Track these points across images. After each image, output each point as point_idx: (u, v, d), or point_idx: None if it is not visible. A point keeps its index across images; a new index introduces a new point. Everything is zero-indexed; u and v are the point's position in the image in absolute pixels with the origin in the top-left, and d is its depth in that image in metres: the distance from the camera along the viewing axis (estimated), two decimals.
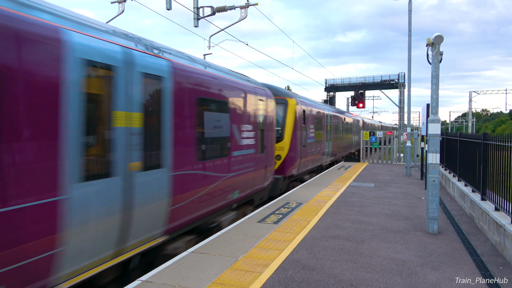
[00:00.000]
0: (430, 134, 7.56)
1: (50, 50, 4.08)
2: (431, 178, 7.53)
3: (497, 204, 6.89)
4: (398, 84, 41.95)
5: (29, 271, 3.88)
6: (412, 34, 17.52)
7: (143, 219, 5.46)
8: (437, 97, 7.47)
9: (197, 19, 13.42)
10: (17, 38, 3.75)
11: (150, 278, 5.07)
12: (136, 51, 5.45)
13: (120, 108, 4.99)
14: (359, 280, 5.08)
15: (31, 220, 3.84)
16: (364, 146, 23.12)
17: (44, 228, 3.97)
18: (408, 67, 17.48)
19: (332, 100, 44.44)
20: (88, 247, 4.54)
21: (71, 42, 4.32)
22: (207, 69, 7.71)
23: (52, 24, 4.16)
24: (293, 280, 5.08)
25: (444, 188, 13.23)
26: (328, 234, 7.23)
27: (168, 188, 5.99)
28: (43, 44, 3.99)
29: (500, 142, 6.81)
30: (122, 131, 5.02)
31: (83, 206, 4.41)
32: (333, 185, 13.42)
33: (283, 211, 9.12)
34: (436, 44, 7.36)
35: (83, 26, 4.69)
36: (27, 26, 3.87)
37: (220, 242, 6.63)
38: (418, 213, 9.11)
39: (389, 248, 6.46)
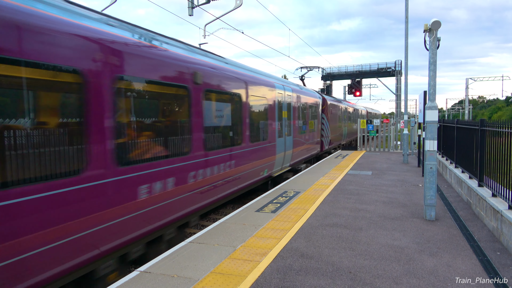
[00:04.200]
0: (427, 121, 7.53)
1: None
2: (429, 165, 7.53)
3: (494, 190, 6.91)
4: (395, 72, 41.86)
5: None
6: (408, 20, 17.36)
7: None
8: (434, 84, 7.42)
9: (192, 8, 13.25)
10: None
11: (149, 268, 5.06)
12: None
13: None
14: (357, 267, 5.10)
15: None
16: (361, 134, 23.14)
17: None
18: (405, 54, 17.38)
19: (328, 89, 44.31)
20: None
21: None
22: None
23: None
24: (291, 268, 5.09)
25: (441, 175, 13.27)
26: (326, 222, 7.24)
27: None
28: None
29: (497, 128, 6.80)
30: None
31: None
32: (330, 173, 13.43)
33: (281, 200, 9.12)
34: (433, 30, 7.29)
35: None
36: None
37: (219, 231, 6.63)
38: (416, 200, 9.14)
39: (386, 235, 6.47)
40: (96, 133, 4.86)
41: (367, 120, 22.59)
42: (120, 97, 5.34)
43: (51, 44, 4.27)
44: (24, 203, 3.91)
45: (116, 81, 5.21)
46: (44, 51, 4.18)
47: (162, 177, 6.10)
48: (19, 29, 3.96)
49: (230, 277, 4.78)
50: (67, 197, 4.39)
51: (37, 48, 4.12)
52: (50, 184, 4.18)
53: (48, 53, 4.24)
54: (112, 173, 5.04)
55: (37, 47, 4.12)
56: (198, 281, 4.68)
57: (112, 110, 5.13)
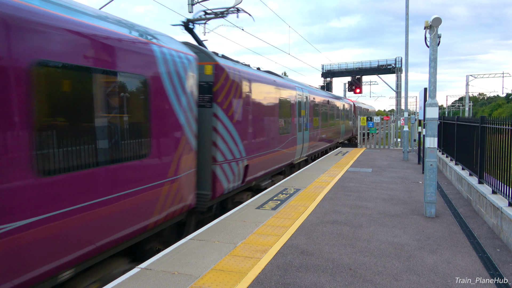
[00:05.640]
0: (428, 118, 7.53)
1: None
2: (429, 162, 7.53)
3: (495, 187, 6.91)
4: (395, 69, 41.75)
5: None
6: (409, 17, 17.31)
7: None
8: (435, 81, 7.42)
9: (192, 4, 13.20)
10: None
11: (149, 265, 5.08)
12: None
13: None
14: (358, 264, 5.11)
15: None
16: (361, 131, 23.13)
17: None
18: (406, 51, 17.35)
19: (328, 86, 44.24)
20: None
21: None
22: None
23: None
24: (292, 265, 5.10)
25: (441, 172, 13.28)
26: (326, 219, 7.25)
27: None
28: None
29: (497, 125, 6.79)
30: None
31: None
32: (330, 170, 13.44)
33: (281, 197, 9.13)
34: (434, 26, 7.27)
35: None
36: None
37: (219, 228, 6.64)
38: (416, 197, 9.14)
39: (387, 232, 6.49)
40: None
41: (367, 118, 22.59)
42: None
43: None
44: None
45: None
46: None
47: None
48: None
49: (231, 274, 4.79)
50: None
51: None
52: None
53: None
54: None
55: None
56: (199, 278, 4.69)
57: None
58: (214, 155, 7.93)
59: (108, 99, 4.85)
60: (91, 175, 4.56)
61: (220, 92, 8.09)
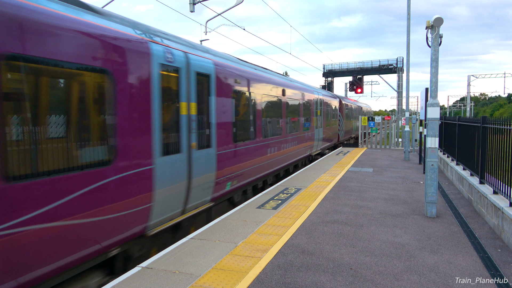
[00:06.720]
0: (429, 118, 7.52)
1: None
2: (430, 162, 7.53)
3: (496, 187, 6.91)
4: (396, 68, 41.71)
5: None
6: (410, 17, 17.32)
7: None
8: (436, 81, 7.41)
9: (193, 4, 13.21)
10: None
11: (150, 264, 5.09)
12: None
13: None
14: (358, 264, 5.11)
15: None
16: (362, 131, 23.12)
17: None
18: (407, 50, 17.34)
19: (330, 85, 44.21)
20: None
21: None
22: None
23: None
24: (292, 264, 5.11)
25: (442, 172, 13.27)
26: (327, 219, 7.25)
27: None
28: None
29: (499, 125, 6.79)
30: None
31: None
32: (331, 170, 13.44)
33: (282, 196, 9.14)
34: (435, 26, 7.27)
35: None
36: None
37: (220, 228, 6.65)
38: (417, 197, 9.14)
39: (387, 232, 6.49)
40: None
41: (368, 118, 22.57)
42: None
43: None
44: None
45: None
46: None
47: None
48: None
49: (232, 273, 4.80)
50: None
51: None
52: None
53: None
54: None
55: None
56: (200, 277, 4.70)
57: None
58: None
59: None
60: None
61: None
